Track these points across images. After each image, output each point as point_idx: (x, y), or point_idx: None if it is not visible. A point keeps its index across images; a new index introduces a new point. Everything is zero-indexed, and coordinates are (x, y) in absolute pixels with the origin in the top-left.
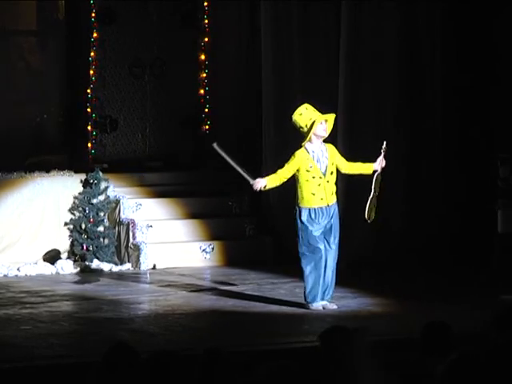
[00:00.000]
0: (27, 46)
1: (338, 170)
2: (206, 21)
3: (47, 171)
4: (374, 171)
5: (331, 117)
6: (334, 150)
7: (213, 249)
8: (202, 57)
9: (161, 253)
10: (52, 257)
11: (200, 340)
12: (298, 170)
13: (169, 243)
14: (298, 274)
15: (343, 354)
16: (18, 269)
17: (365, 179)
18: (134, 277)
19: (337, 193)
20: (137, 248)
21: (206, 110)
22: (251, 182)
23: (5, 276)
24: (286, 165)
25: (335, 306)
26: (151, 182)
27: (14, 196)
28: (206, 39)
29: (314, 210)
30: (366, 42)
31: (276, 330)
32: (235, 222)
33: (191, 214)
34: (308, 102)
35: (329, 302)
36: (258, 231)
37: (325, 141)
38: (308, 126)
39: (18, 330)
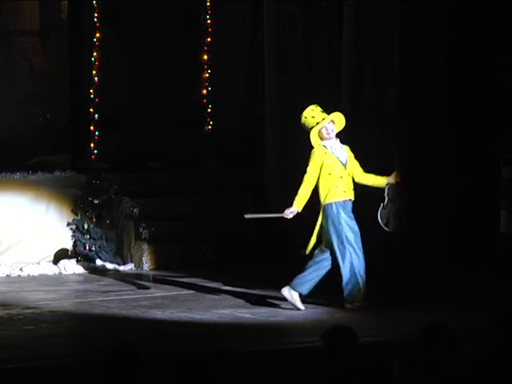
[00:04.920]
0: (30, 46)
1: None
2: (209, 21)
3: (50, 171)
4: (387, 184)
5: (335, 116)
6: (350, 152)
7: (214, 249)
8: (205, 57)
9: (162, 253)
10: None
11: (201, 341)
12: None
13: (170, 243)
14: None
15: (345, 353)
16: (20, 269)
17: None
18: (137, 277)
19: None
20: (139, 248)
21: (208, 110)
22: (285, 216)
23: (7, 276)
24: (309, 167)
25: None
26: (153, 181)
27: (17, 196)
28: (209, 39)
29: (340, 203)
30: (369, 36)
31: (284, 331)
32: (237, 222)
33: (193, 214)
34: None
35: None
36: (259, 232)
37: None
38: (312, 130)
39: (21, 329)
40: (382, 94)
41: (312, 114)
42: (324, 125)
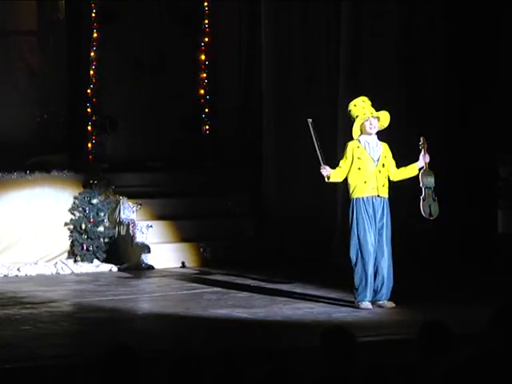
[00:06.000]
0: (28, 46)
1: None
2: (206, 21)
3: (48, 171)
4: (420, 169)
5: (383, 115)
6: (388, 149)
7: (213, 249)
8: (202, 57)
9: (160, 253)
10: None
11: (200, 341)
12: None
13: (169, 243)
14: (298, 275)
15: (343, 354)
16: (18, 269)
17: None
18: (135, 277)
19: (389, 190)
20: (137, 248)
21: (206, 110)
22: (322, 164)
23: (5, 276)
24: (341, 161)
25: (393, 304)
26: (151, 182)
27: (15, 196)
28: (207, 39)
29: (366, 199)
30: (368, 36)
31: (280, 332)
32: (235, 222)
33: (191, 214)
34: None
35: (386, 301)
36: (257, 232)
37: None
38: (354, 121)
39: (18, 329)
40: (381, 94)
41: (362, 105)
42: (370, 119)
